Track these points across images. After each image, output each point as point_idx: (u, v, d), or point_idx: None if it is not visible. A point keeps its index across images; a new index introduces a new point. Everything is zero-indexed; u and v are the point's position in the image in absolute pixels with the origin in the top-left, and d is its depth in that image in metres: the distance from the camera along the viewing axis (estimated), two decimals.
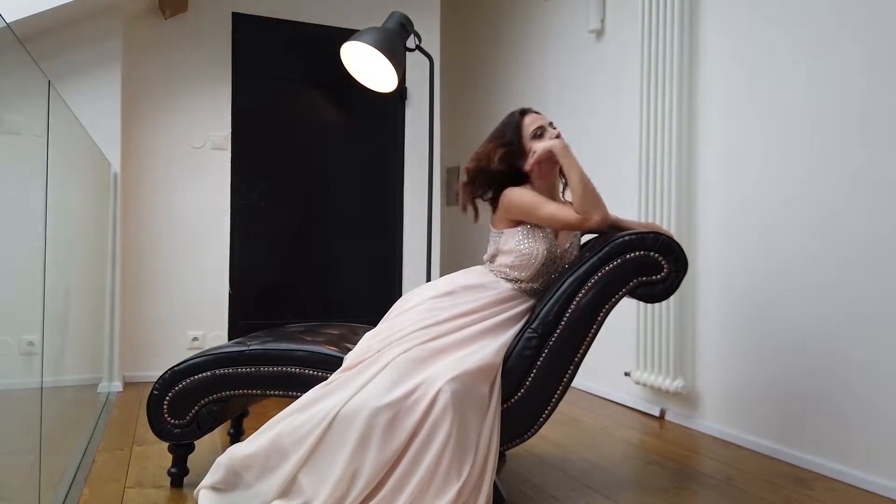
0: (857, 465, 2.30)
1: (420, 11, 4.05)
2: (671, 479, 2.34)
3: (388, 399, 1.77)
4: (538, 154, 2.05)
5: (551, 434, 2.84)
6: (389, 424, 1.75)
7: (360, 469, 1.74)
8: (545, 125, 2.12)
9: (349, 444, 1.75)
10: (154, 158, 3.82)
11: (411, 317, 2.00)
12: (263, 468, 1.82)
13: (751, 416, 2.72)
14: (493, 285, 2.08)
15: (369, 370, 1.87)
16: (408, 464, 1.75)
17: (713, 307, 2.91)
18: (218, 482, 1.85)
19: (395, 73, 2.85)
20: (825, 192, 2.42)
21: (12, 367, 1.97)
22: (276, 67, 4.09)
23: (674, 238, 2.02)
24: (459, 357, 1.87)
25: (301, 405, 1.88)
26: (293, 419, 1.84)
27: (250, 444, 1.87)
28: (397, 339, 1.93)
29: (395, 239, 4.33)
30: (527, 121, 2.11)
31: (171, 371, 2.16)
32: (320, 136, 4.22)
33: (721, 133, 2.88)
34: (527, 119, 2.11)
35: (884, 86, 2.23)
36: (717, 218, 2.89)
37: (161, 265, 3.82)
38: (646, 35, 3.16)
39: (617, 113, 3.50)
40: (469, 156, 2.19)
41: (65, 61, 3.46)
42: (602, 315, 1.98)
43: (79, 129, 2.98)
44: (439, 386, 1.78)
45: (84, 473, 2.30)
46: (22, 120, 2.02)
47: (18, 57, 1.89)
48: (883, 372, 2.22)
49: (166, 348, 3.72)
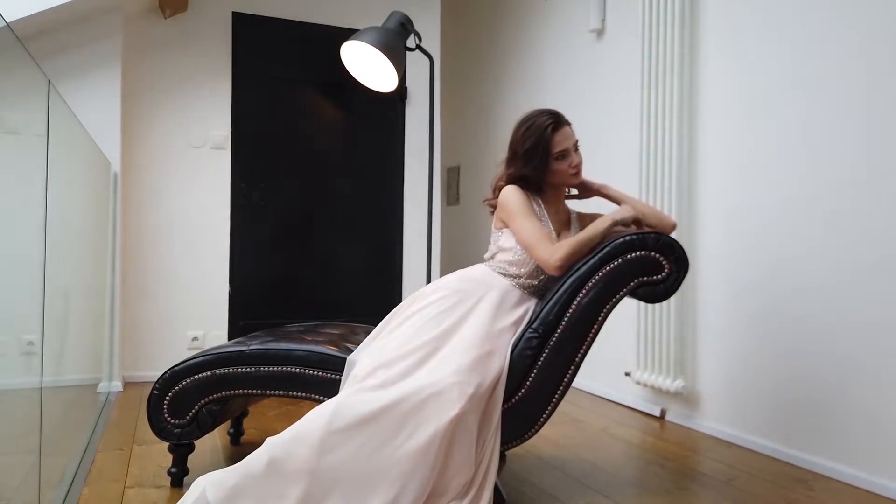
0: (857, 465, 2.30)
1: (420, 11, 4.05)
2: (672, 480, 2.34)
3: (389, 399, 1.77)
4: (620, 217, 2.06)
5: (551, 434, 2.84)
6: (395, 425, 1.74)
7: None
8: (570, 149, 2.11)
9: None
10: (154, 158, 3.82)
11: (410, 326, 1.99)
12: (263, 495, 1.72)
13: (751, 416, 2.72)
14: (493, 281, 2.09)
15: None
16: (411, 464, 1.74)
17: (713, 307, 2.91)
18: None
19: (395, 73, 2.85)
20: (825, 192, 2.42)
21: (12, 367, 1.97)
22: (276, 67, 4.09)
23: (675, 222, 2.06)
24: (460, 357, 1.87)
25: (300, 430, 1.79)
26: (289, 445, 1.75)
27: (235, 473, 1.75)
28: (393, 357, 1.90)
29: (395, 239, 4.33)
30: (557, 139, 2.09)
31: (171, 371, 2.16)
32: (320, 136, 4.22)
33: (721, 133, 2.88)
34: (557, 136, 2.09)
35: (884, 85, 2.23)
36: (718, 217, 2.89)
37: (161, 265, 3.82)
38: (646, 35, 3.16)
39: (617, 113, 3.50)
40: (471, 155, 2.19)
41: (65, 61, 3.46)
42: (603, 315, 1.98)
43: (79, 129, 2.98)
44: (440, 387, 1.77)
45: (84, 473, 2.30)
46: (22, 119, 2.02)
47: (18, 57, 1.88)
48: (883, 372, 2.22)
49: (166, 348, 3.72)
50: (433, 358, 1.88)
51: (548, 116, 2.11)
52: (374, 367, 1.87)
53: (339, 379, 2.01)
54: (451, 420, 1.73)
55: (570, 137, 2.12)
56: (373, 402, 1.75)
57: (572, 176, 2.13)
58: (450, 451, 1.75)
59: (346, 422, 1.73)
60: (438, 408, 1.75)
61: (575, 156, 2.12)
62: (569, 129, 2.12)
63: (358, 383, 1.84)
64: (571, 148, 2.11)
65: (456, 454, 1.76)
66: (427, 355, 1.89)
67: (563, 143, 2.09)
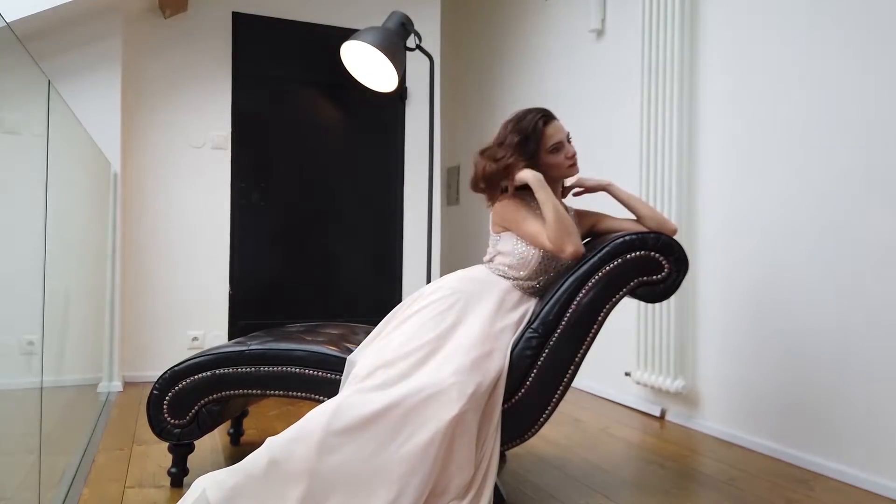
0: (857, 465, 2.30)
1: (420, 11, 4.05)
2: (672, 480, 2.34)
3: (389, 399, 1.77)
4: (515, 181, 2.07)
5: (551, 434, 2.84)
6: (396, 425, 1.74)
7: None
8: (563, 141, 2.12)
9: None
10: (154, 158, 3.82)
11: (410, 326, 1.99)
12: (263, 496, 1.72)
13: (751, 416, 2.72)
14: (493, 281, 2.09)
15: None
16: (411, 464, 1.74)
17: (713, 307, 2.91)
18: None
19: (395, 73, 2.85)
20: (826, 192, 2.42)
21: (12, 367, 1.97)
22: (276, 67, 4.09)
23: (676, 227, 2.05)
24: (460, 357, 1.87)
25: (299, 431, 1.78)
26: (289, 446, 1.74)
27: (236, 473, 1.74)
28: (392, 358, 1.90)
29: (395, 239, 4.33)
30: (548, 131, 2.11)
31: (171, 371, 2.16)
32: (320, 136, 4.22)
33: (721, 133, 2.88)
34: (548, 129, 2.11)
35: (884, 85, 2.23)
36: (718, 218, 2.89)
37: (161, 265, 3.82)
38: (646, 35, 3.16)
39: (617, 113, 3.50)
40: (470, 155, 2.19)
41: (65, 61, 3.46)
42: (603, 315, 1.98)
43: (79, 128, 2.98)
44: (440, 387, 1.77)
45: (84, 473, 2.30)
46: (22, 119, 2.02)
47: (18, 57, 1.89)
48: (883, 372, 2.22)
49: (166, 348, 3.73)
50: (433, 358, 1.88)
51: (537, 111, 2.14)
52: (375, 368, 1.87)
53: (339, 379, 2.01)
54: (451, 420, 1.73)
55: (562, 130, 2.14)
56: (373, 402, 1.75)
57: (570, 167, 2.14)
58: (450, 451, 1.75)
59: (346, 423, 1.73)
60: (438, 408, 1.74)
61: (569, 147, 2.14)
62: (559, 122, 2.15)
63: (358, 384, 1.84)
64: (564, 140, 2.13)
65: (456, 454, 1.76)
66: (427, 355, 1.88)
67: (556, 136, 2.11)
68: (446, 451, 1.74)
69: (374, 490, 1.70)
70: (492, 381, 1.88)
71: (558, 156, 2.11)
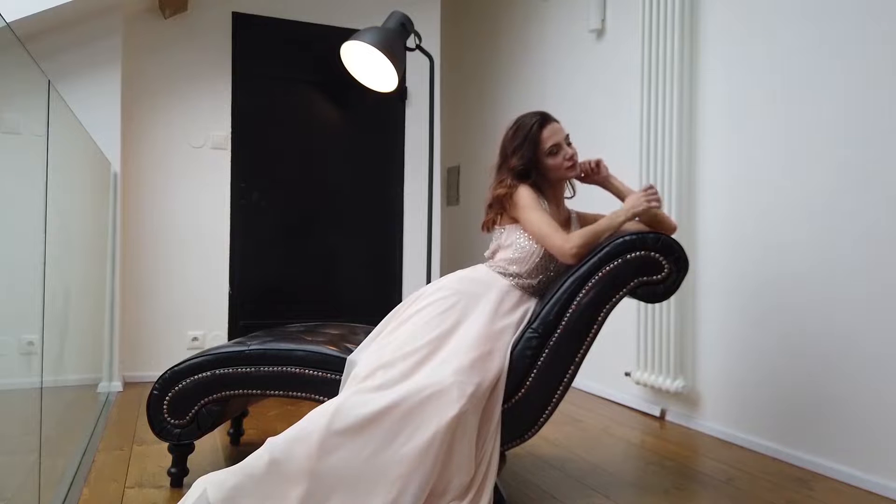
0: (857, 465, 2.30)
1: (420, 11, 4.05)
2: (671, 480, 2.34)
3: (389, 399, 1.77)
4: (636, 210, 2.04)
5: (551, 434, 2.84)
6: (396, 425, 1.74)
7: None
8: (561, 142, 2.12)
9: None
10: (154, 158, 3.82)
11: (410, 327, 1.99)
12: (263, 496, 1.71)
13: (751, 416, 2.72)
14: (493, 282, 2.09)
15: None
16: (411, 465, 1.74)
17: (713, 307, 2.91)
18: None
19: (395, 73, 2.85)
20: (826, 192, 2.42)
21: (12, 367, 1.97)
22: (276, 67, 4.09)
23: (675, 224, 2.05)
24: (460, 358, 1.87)
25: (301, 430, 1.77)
26: (290, 446, 1.74)
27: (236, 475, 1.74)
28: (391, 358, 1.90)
29: (395, 239, 4.33)
30: (545, 134, 2.11)
31: (171, 371, 2.16)
32: (320, 136, 4.22)
33: (721, 133, 2.88)
34: (545, 132, 2.11)
35: (884, 84, 2.23)
36: (718, 218, 2.89)
37: (161, 265, 3.82)
38: (646, 35, 3.16)
39: (617, 113, 3.50)
40: (471, 155, 2.19)
41: (65, 61, 3.46)
42: (603, 315, 1.98)
43: (79, 128, 2.98)
44: (440, 387, 1.77)
45: (84, 473, 2.30)
46: (22, 119, 2.02)
47: (18, 57, 1.88)
48: (883, 372, 2.22)
49: (166, 348, 3.73)
50: (433, 358, 1.88)
51: (533, 115, 2.14)
52: (375, 368, 1.87)
53: (340, 379, 2.01)
54: (451, 420, 1.73)
55: (560, 132, 2.14)
56: (373, 403, 1.75)
57: (569, 169, 2.14)
58: (450, 451, 1.75)
59: (346, 423, 1.73)
60: (438, 408, 1.74)
61: (568, 149, 2.14)
62: (557, 124, 2.15)
63: (358, 384, 1.84)
64: (563, 142, 2.13)
65: (456, 454, 1.76)
66: (427, 356, 1.88)
67: (553, 138, 2.11)
68: (446, 451, 1.74)
69: (374, 490, 1.70)
70: (492, 381, 1.88)
71: (557, 158, 2.12)
